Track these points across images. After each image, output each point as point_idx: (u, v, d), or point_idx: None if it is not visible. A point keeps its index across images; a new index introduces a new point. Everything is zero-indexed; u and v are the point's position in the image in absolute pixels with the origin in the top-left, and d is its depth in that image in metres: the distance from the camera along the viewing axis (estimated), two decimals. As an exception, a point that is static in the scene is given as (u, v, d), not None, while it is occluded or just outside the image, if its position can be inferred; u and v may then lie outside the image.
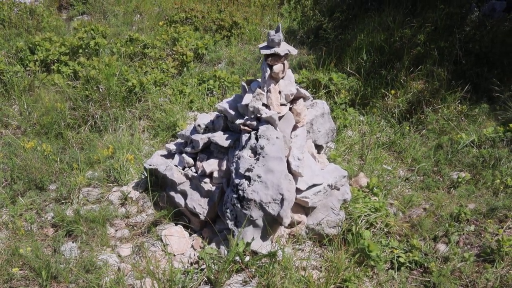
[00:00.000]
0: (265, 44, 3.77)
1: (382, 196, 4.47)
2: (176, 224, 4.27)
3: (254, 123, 3.84)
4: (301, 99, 4.08)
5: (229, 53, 8.13)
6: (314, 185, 3.90)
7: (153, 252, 4.04)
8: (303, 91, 4.04)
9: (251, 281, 3.53)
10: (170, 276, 3.50)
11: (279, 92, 3.88)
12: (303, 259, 3.74)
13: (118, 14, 11.24)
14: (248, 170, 3.71)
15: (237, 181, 3.75)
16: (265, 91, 3.83)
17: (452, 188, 4.82)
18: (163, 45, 8.05)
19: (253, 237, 3.66)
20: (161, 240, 4.09)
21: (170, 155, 4.55)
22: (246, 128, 3.88)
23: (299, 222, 3.98)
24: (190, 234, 4.20)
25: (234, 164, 3.82)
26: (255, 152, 3.75)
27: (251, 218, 3.68)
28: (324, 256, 3.89)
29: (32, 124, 5.69)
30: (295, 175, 3.83)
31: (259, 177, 3.67)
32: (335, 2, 9.35)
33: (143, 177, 4.71)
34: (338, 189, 4.15)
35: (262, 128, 3.77)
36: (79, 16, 11.36)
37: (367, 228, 3.97)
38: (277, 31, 3.67)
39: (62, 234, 4.16)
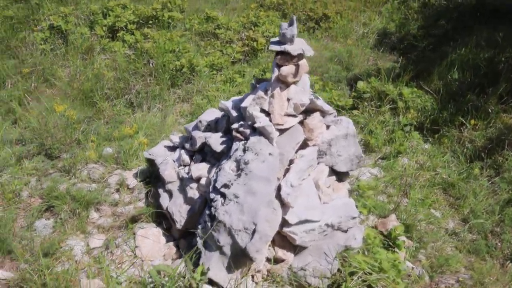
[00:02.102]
0: (277, 38, 3.09)
1: (407, 252, 3.57)
2: (156, 226, 3.80)
3: (248, 131, 3.19)
4: (317, 113, 3.33)
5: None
6: (307, 221, 3.15)
7: (123, 251, 3.62)
8: (321, 103, 3.28)
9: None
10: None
11: (288, 100, 3.18)
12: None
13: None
14: (225, 186, 3.08)
15: (212, 195, 3.15)
16: (269, 95, 3.15)
17: (509, 262, 3.73)
18: (240, 28, 7.56)
19: (208, 267, 3.04)
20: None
21: (173, 148, 4.07)
22: (238, 135, 3.24)
23: (282, 260, 3.28)
24: (168, 241, 3.70)
25: (214, 175, 3.22)
26: (238, 166, 3.11)
27: (218, 243, 3.06)
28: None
29: (74, 88, 5.56)
30: (285, 204, 3.12)
31: (236, 197, 3.03)
32: (447, 8, 8.11)
33: (145, 166, 4.31)
34: (345, 231, 3.35)
35: (252, 140, 3.11)
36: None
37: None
38: (290, 24, 2.97)
39: (41, 208, 3.90)
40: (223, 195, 3.08)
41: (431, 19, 7.97)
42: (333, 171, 3.66)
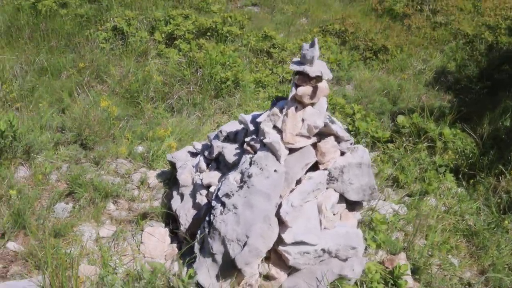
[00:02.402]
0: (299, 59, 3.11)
1: (408, 292, 3.42)
2: (165, 226, 3.89)
3: (258, 145, 3.22)
4: (332, 137, 3.29)
5: (362, 76, 7.34)
6: (302, 243, 3.11)
7: (128, 245, 3.74)
8: (336, 128, 3.25)
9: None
10: (101, 275, 3.15)
11: (302, 121, 3.18)
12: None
13: (286, 13, 11.20)
14: (227, 195, 3.12)
15: (213, 203, 3.20)
16: (283, 113, 3.17)
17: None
18: (296, 49, 7.64)
19: (197, 272, 3.07)
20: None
21: (195, 154, 4.16)
22: (248, 148, 3.28)
23: (274, 278, 3.25)
24: (172, 242, 3.78)
25: (220, 184, 3.27)
26: (242, 178, 3.14)
27: (211, 251, 3.09)
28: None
29: (122, 86, 5.85)
30: (284, 223, 3.10)
31: (235, 208, 3.06)
32: (515, 52, 7.76)
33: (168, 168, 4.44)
34: (344, 260, 3.27)
35: (259, 154, 3.14)
36: (250, 6, 11.62)
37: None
38: (311, 45, 2.99)
39: (64, 192, 4.12)
40: (223, 204, 3.12)
41: (495, 62, 7.66)
42: (345, 200, 3.60)
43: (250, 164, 3.14)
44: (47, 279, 2.96)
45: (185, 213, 3.64)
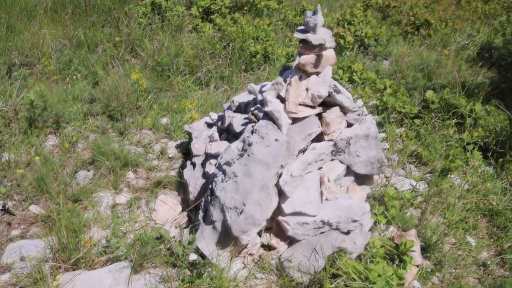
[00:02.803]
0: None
1: (419, 271, 3.34)
2: (178, 195, 3.99)
3: (261, 114, 3.22)
4: (337, 108, 3.23)
5: (400, 51, 7.08)
6: (301, 213, 3.10)
7: (141, 212, 3.87)
8: (342, 98, 3.19)
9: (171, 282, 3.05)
10: (108, 238, 3.30)
11: (306, 90, 3.14)
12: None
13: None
14: (227, 163, 3.16)
15: (216, 171, 3.25)
16: (287, 82, 3.15)
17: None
18: (333, 24, 7.48)
19: (195, 238, 3.14)
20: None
21: (211, 125, 4.22)
22: (252, 117, 3.29)
23: (274, 248, 3.27)
24: (183, 210, 3.88)
25: (224, 152, 3.30)
26: (243, 146, 3.16)
27: (211, 218, 3.15)
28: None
29: (155, 59, 5.98)
30: (284, 193, 3.10)
31: (235, 176, 3.10)
32: None
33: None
34: (345, 233, 3.23)
35: (260, 123, 3.14)
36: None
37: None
38: (314, 13, 2.93)
39: (86, 160, 4.31)
40: (224, 172, 3.16)
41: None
42: (354, 173, 3.54)
43: (252, 132, 3.15)
44: (54, 239, 3.14)
45: (195, 182, 3.72)
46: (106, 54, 5.99)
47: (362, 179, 3.60)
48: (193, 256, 3.13)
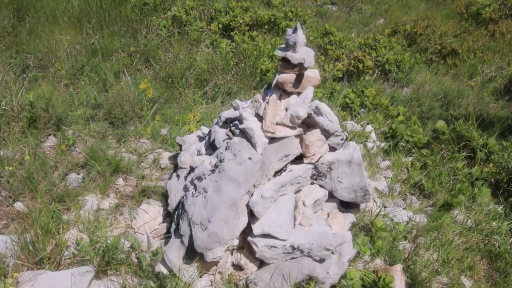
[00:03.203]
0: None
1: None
2: (161, 206, 3.94)
3: (238, 131, 3.14)
4: (317, 130, 3.11)
5: (423, 79, 6.88)
6: (270, 236, 2.98)
7: (123, 219, 3.84)
8: (323, 120, 3.06)
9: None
10: (77, 241, 3.27)
11: (286, 110, 3.04)
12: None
13: (364, 13, 10.86)
14: (199, 178, 3.09)
15: (188, 185, 3.18)
16: (265, 100, 3.06)
17: None
18: (355, 48, 7.35)
19: (165, 250, 3.06)
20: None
21: (202, 138, 4.17)
22: (229, 134, 3.21)
23: (242, 269, 3.14)
24: (164, 222, 3.81)
25: (198, 167, 3.23)
26: (216, 163, 3.08)
27: (179, 232, 3.08)
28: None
29: (166, 71, 6.02)
30: (255, 214, 3.00)
31: (205, 191, 3.01)
32: None
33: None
34: (320, 262, 3.07)
35: (234, 140, 3.05)
36: (329, 5, 11.44)
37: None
38: (294, 31, 2.85)
39: (79, 163, 4.33)
40: (195, 187, 3.09)
41: None
42: (340, 200, 3.40)
43: (226, 149, 3.07)
44: (28, 237, 3.14)
45: (175, 194, 3.65)
46: (119, 63, 6.07)
47: (347, 206, 3.45)
48: (159, 268, 3.06)
